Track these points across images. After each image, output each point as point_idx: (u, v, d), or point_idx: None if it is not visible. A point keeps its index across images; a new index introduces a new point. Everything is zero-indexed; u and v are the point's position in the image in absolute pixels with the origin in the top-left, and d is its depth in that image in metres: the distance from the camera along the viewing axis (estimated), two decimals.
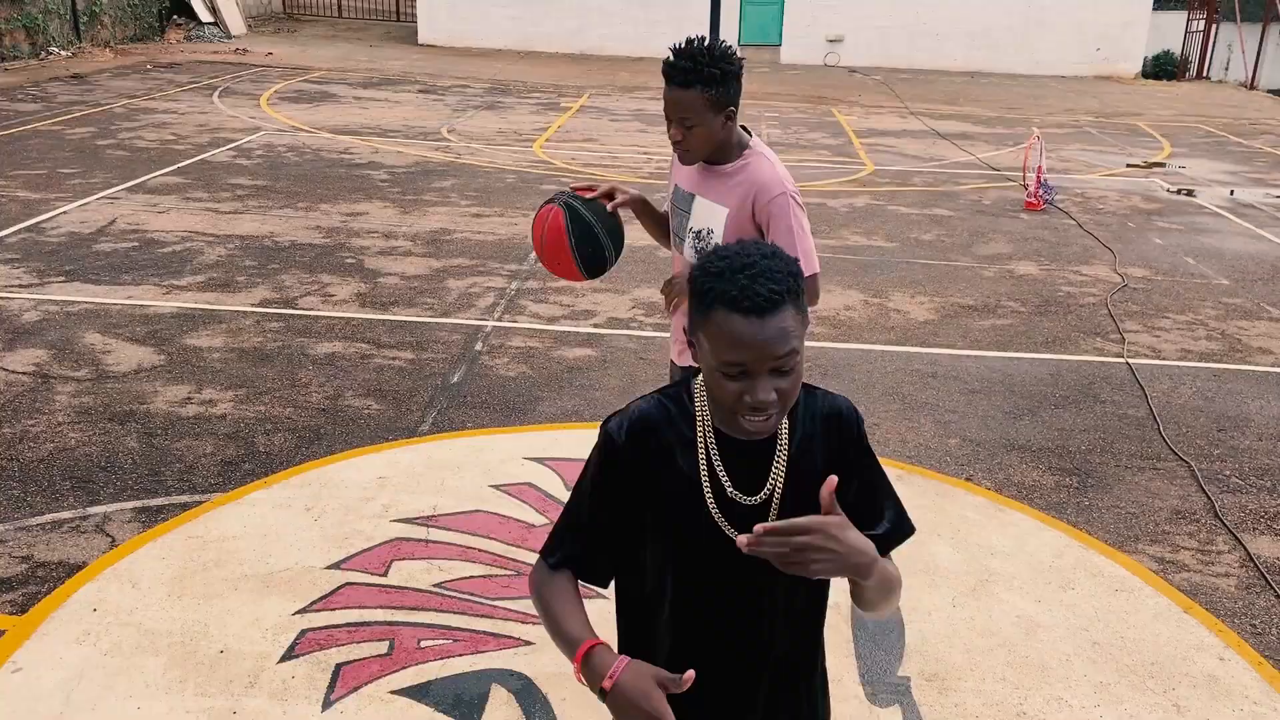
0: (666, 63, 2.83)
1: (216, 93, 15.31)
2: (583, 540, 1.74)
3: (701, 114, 2.84)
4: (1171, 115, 18.38)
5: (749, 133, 3.06)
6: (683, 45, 2.83)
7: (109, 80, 16.02)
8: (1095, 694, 3.30)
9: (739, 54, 2.91)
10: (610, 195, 3.13)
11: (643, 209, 3.29)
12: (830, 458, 1.67)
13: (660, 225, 3.33)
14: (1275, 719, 3.24)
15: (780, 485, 1.65)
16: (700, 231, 3.07)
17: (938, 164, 12.60)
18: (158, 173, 9.95)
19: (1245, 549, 4.23)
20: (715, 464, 1.65)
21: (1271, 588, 3.95)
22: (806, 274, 2.61)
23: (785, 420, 1.65)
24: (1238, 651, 3.56)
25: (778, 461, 1.65)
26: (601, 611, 1.84)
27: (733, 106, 2.87)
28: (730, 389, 1.55)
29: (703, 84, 2.80)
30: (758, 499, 1.65)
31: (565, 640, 1.67)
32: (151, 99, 14.40)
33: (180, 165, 10.31)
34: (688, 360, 3.17)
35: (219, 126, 12.55)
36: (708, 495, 1.65)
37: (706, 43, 2.82)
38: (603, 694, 1.58)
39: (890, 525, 1.72)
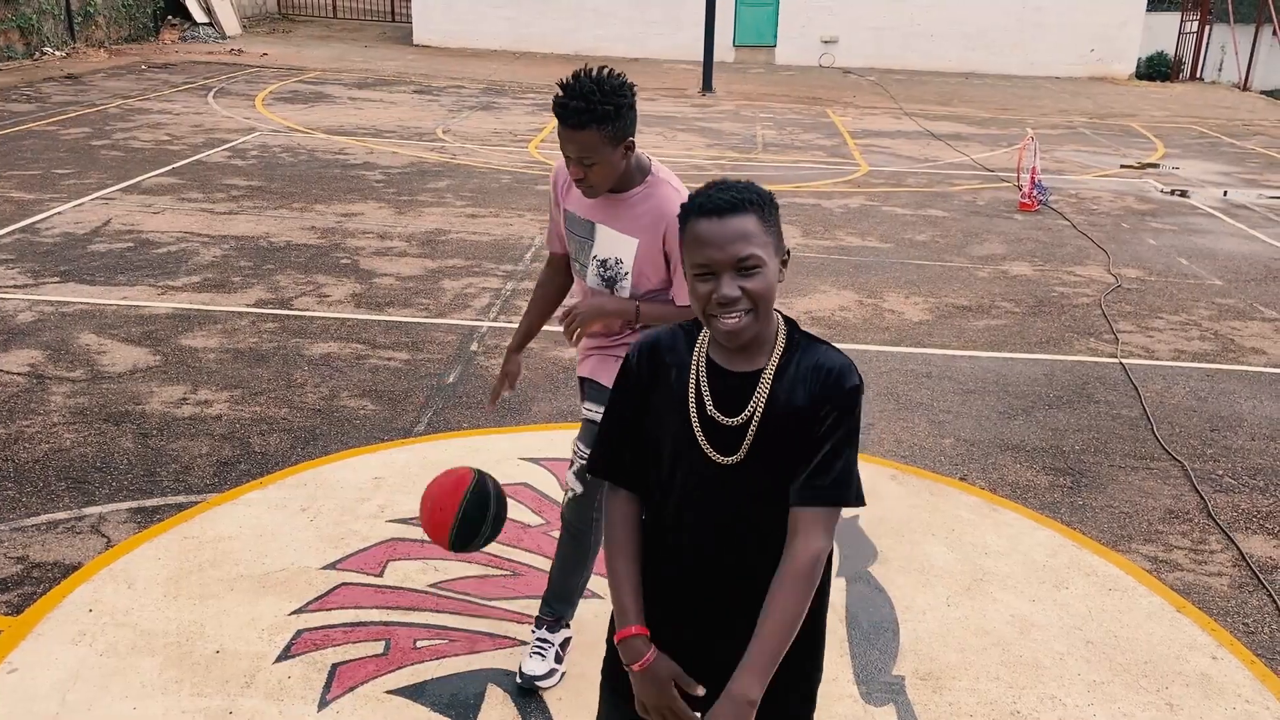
0: (558, 102, 2.72)
1: (211, 93, 15.30)
2: (612, 447, 1.98)
3: (600, 151, 2.75)
4: (1165, 116, 18.44)
5: (648, 158, 2.99)
6: (572, 82, 2.72)
7: (103, 81, 16.00)
8: (1089, 693, 3.31)
9: (630, 82, 2.82)
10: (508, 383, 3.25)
11: (536, 314, 3.31)
12: (811, 404, 1.80)
13: (553, 302, 3.32)
14: (1268, 717, 3.25)
15: (759, 412, 1.82)
16: (607, 261, 2.98)
17: (932, 165, 12.62)
18: (152, 173, 9.94)
19: (1238, 548, 4.24)
20: (702, 386, 1.85)
21: (1264, 587, 3.97)
22: (685, 304, 2.82)
23: (776, 359, 1.82)
24: (1230, 650, 3.58)
25: (760, 391, 1.82)
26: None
27: (630, 138, 2.79)
28: (701, 291, 1.77)
29: (598, 122, 2.70)
30: (736, 421, 1.82)
31: (618, 608, 1.93)
32: (146, 99, 14.38)
33: (175, 166, 10.31)
34: (586, 372, 3.16)
35: (214, 127, 12.54)
36: (692, 412, 1.85)
37: (595, 77, 2.72)
38: (629, 670, 1.88)
39: (830, 481, 1.80)
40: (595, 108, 2.69)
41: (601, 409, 2.58)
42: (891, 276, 7.85)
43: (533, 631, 3.32)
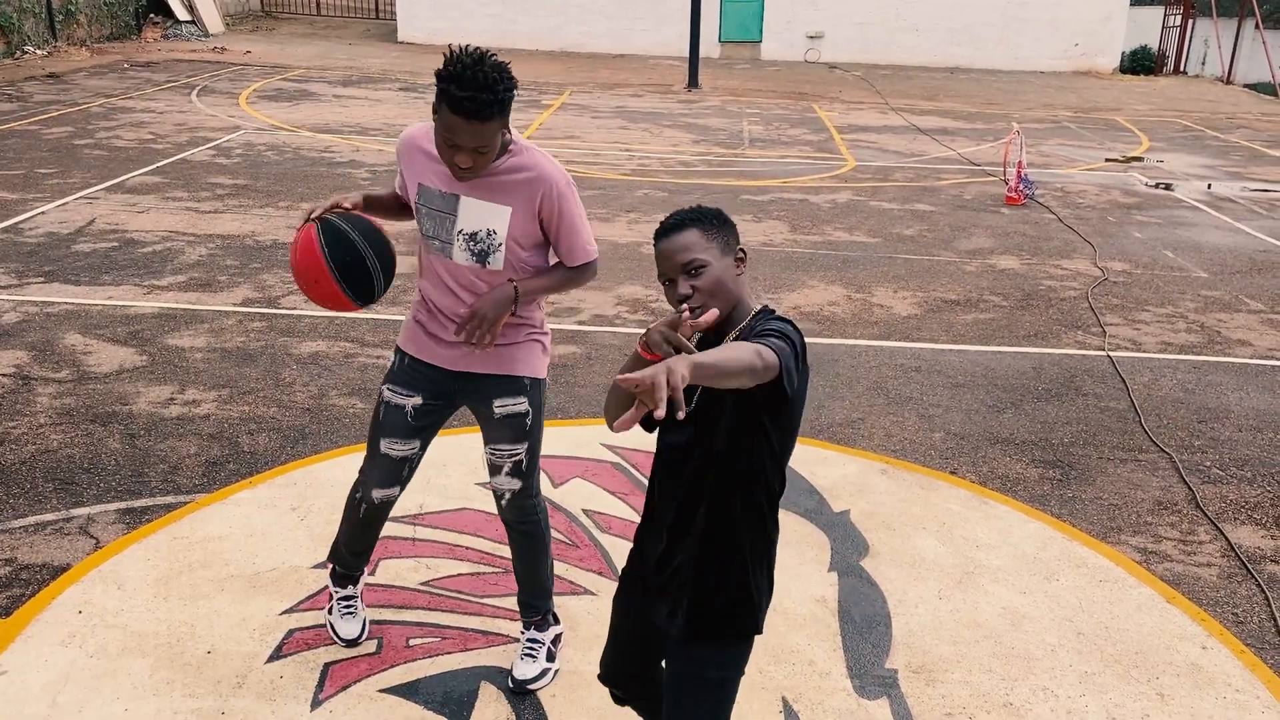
0: (460, 97, 2.54)
1: (195, 91, 15.21)
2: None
3: (495, 138, 2.66)
4: (1149, 110, 18.52)
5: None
6: (465, 73, 2.55)
7: (86, 79, 15.90)
8: (1081, 684, 3.33)
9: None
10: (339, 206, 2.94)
11: (369, 203, 3.04)
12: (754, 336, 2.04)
13: (391, 210, 3.13)
14: (1257, 706, 3.27)
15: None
16: (477, 234, 2.86)
17: (918, 159, 12.65)
18: (136, 172, 9.88)
19: (1226, 539, 4.27)
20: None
21: (1253, 576, 3.99)
22: (586, 261, 2.97)
23: (731, 337, 2.11)
24: (1220, 640, 3.60)
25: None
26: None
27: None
28: (670, 295, 2.14)
29: (501, 112, 2.61)
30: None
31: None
32: (129, 98, 14.29)
33: (159, 165, 10.25)
34: (493, 368, 3.05)
35: (198, 125, 12.47)
36: None
37: (489, 64, 2.58)
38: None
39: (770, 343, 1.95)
40: (501, 97, 2.58)
41: (519, 403, 3.03)
42: (879, 271, 7.87)
43: (522, 633, 3.31)
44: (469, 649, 3.35)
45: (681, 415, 1.71)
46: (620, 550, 3.93)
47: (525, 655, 3.24)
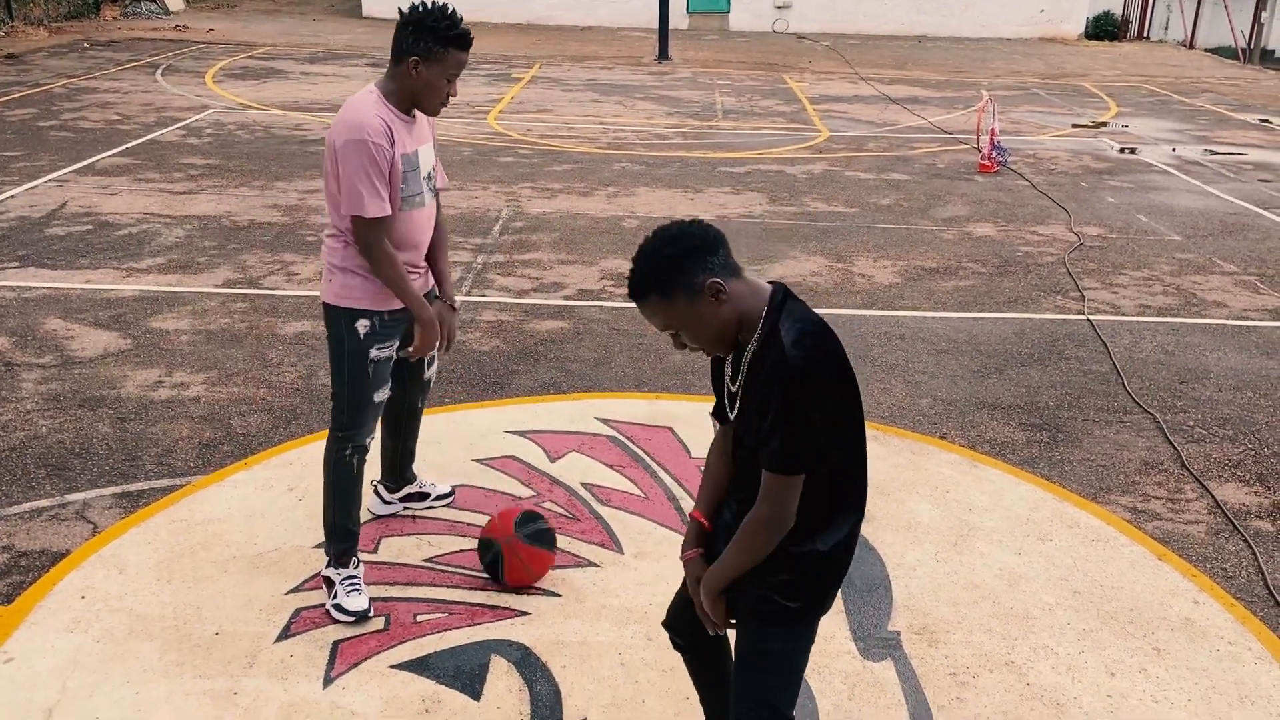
0: (464, 33, 3.09)
1: (159, 71, 14.97)
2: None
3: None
4: (1115, 75, 18.65)
5: None
6: (449, 13, 3.08)
7: (46, 60, 15.60)
8: (1079, 641, 3.40)
9: None
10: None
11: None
12: (762, 382, 2.08)
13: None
14: (1249, 658, 3.36)
15: (742, 386, 2.15)
16: (431, 173, 3.33)
17: (891, 129, 12.69)
18: (106, 154, 9.73)
19: (1212, 496, 4.36)
20: (728, 369, 2.23)
21: (1239, 532, 4.08)
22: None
23: (750, 351, 2.12)
24: (1211, 595, 3.68)
25: (741, 373, 2.16)
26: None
27: None
28: (674, 341, 2.21)
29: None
30: (735, 389, 2.19)
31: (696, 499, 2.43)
32: (92, 78, 14.04)
33: (129, 146, 10.09)
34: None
35: (165, 105, 12.29)
36: (728, 382, 2.23)
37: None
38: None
39: (768, 451, 2.07)
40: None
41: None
42: (859, 241, 7.91)
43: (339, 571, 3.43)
44: (476, 623, 3.37)
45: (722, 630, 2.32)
46: (621, 522, 3.96)
47: (352, 591, 3.41)
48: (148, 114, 11.70)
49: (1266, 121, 14.23)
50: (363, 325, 3.26)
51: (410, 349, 3.38)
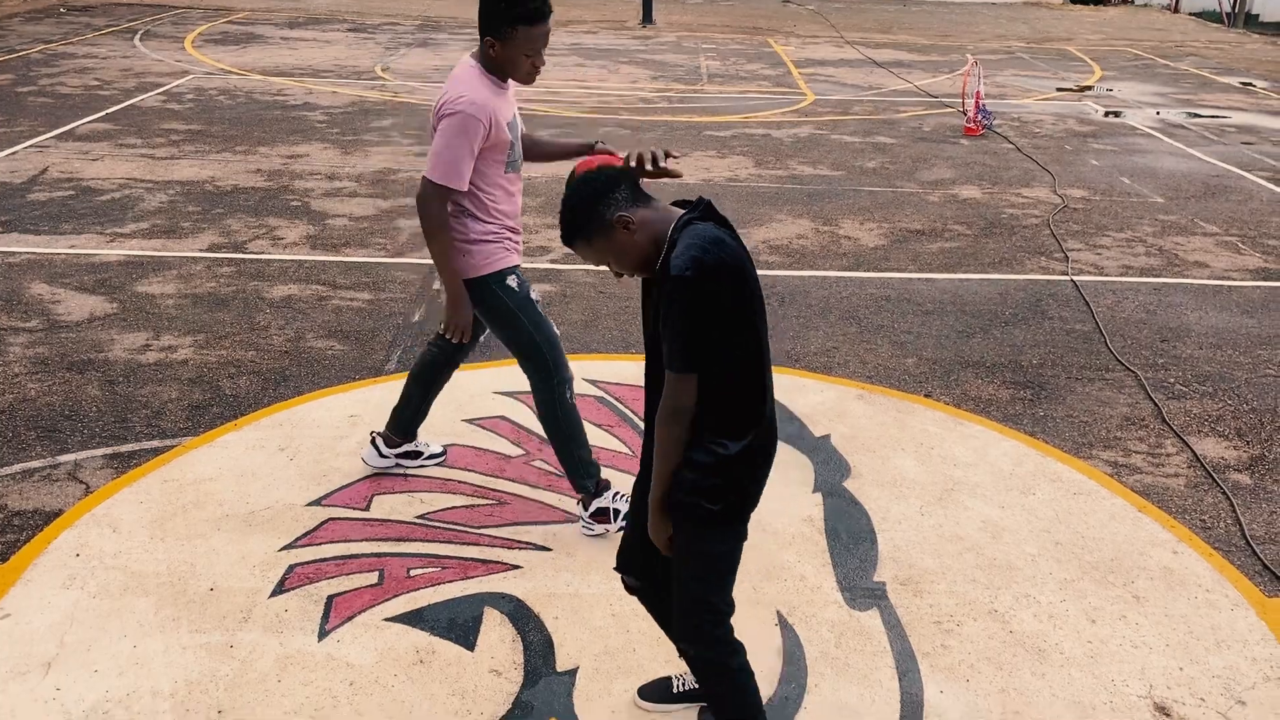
0: (541, 5, 3.17)
1: (137, 36, 14.80)
2: None
3: None
4: (1100, 39, 18.64)
5: None
6: None
7: (21, 25, 15.39)
8: (1061, 590, 3.47)
9: None
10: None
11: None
12: (659, 301, 2.25)
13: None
14: (1226, 604, 3.44)
15: (654, 301, 2.33)
16: (517, 141, 3.47)
17: (876, 92, 12.67)
18: (86, 119, 9.65)
19: (1192, 450, 4.43)
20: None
21: (1218, 485, 4.16)
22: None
23: (660, 261, 2.28)
24: (1189, 545, 3.76)
25: (654, 289, 2.35)
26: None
27: None
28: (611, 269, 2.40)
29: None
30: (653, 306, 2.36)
31: None
32: (70, 44, 13.88)
33: (109, 111, 10.00)
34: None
35: (144, 71, 12.16)
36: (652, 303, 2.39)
37: None
38: None
39: (667, 352, 2.24)
40: None
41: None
42: (845, 204, 7.93)
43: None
44: (469, 577, 3.41)
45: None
46: (610, 479, 3.99)
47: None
48: (127, 79, 11.58)
49: (1249, 85, 14.28)
50: (511, 280, 3.46)
51: (442, 326, 3.53)
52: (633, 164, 2.40)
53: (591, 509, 3.64)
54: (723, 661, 2.50)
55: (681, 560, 2.44)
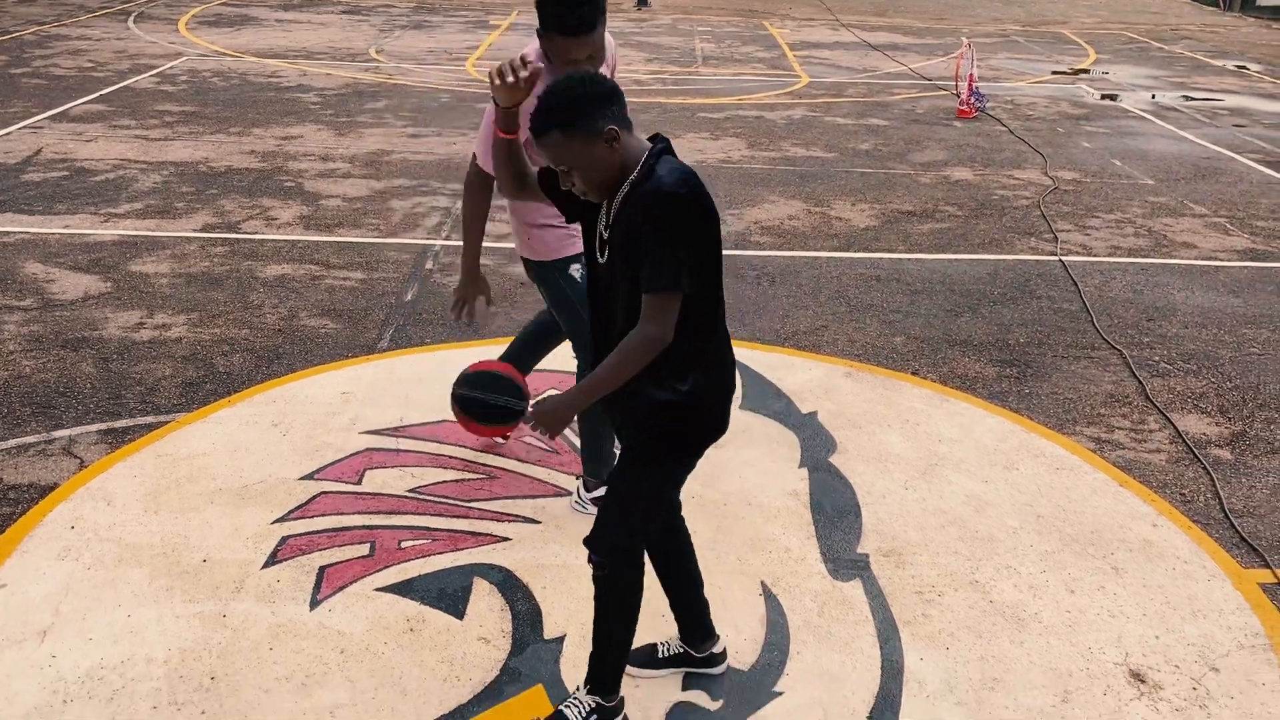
0: (566, 12, 2.95)
1: (131, 18, 14.77)
2: None
3: (603, 43, 3.11)
4: (1095, 23, 18.64)
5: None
6: None
7: (14, 7, 15.35)
8: (1041, 561, 3.53)
9: None
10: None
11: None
12: (634, 212, 2.27)
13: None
14: (1203, 575, 3.50)
15: (611, 227, 2.37)
16: None
17: (870, 75, 12.69)
18: (80, 100, 9.65)
19: (1174, 427, 4.48)
20: (603, 213, 2.42)
21: (1198, 460, 4.21)
22: None
23: (624, 189, 2.31)
24: (1169, 518, 3.81)
25: (612, 213, 2.36)
26: None
27: None
28: (561, 179, 2.35)
29: (602, 19, 3.04)
30: (606, 233, 2.40)
31: None
32: (62, 25, 13.85)
33: (103, 93, 10.01)
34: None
35: (138, 53, 12.15)
36: (600, 228, 2.43)
37: None
38: None
39: (648, 274, 2.25)
40: (598, 2, 2.98)
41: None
42: (837, 185, 7.96)
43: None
44: (459, 549, 3.47)
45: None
46: None
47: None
48: (121, 61, 11.57)
49: (1243, 68, 14.30)
50: (575, 270, 3.43)
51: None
52: (496, 80, 2.37)
53: (595, 493, 3.67)
54: (620, 575, 2.58)
55: (619, 486, 2.54)
